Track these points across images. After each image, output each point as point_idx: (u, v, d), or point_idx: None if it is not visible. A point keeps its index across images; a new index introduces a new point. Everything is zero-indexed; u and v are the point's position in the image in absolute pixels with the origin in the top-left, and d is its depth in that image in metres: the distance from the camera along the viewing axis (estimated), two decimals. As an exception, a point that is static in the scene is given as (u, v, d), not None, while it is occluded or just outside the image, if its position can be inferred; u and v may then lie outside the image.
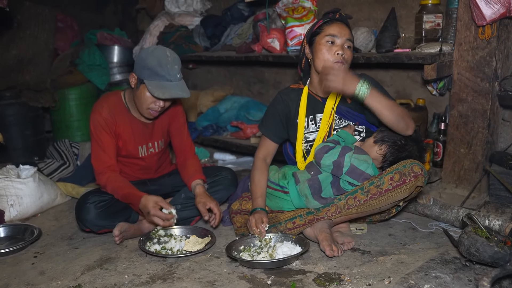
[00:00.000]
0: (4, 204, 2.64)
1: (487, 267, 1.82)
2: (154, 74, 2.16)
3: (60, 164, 3.35)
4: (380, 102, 1.96)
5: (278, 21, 3.23)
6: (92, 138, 2.34)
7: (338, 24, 2.14)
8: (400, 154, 2.09)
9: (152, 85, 2.16)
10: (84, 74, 4.23)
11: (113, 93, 2.44)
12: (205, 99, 4.09)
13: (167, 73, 2.16)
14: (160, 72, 2.15)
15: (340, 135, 2.17)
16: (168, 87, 2.16)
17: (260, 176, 2.26)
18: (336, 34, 2.10)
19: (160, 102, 2.23)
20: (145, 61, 2.17)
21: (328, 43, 2.11)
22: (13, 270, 2.05)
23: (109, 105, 2.33)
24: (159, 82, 2.16)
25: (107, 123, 2.31)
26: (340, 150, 2.08)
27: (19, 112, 3.78)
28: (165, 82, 2.17)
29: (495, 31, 2.30)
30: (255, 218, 2.11)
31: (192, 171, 2.44)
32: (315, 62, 2.16)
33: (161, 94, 2.15)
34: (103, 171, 2.30)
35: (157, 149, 2.49)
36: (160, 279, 1.90)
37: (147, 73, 2.16)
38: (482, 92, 2.40)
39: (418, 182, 1.95)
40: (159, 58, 2.17)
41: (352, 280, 1.80)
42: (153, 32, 4.13)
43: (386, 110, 1.97)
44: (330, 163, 2.08)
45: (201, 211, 2.28)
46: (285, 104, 2.28)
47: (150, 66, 2.15)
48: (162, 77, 2.16)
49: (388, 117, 1.97)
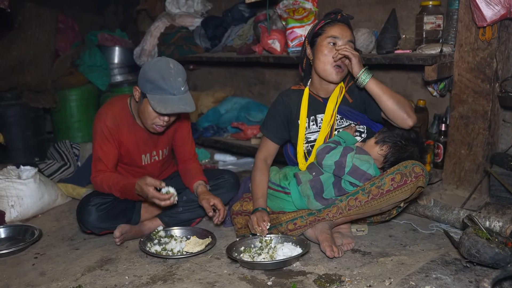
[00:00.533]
0: (4, 205, 2.65)
1: (488, 269, 1.82)
2: (156, 88, 2.06)
3: (60, 165, 3.35)
4: (381, 88, 2.02)
5: (278, 22, 3.23)
6: (94, 142, 2.29)
7: (339, 25, 2.14)
8: (401, 154, 2.09)
9: (155, 100, 2.06)
10: (85, 75, 4.24)
11: (119, 98, 2.36)
12: (205, 100, 4.09)
13: (170, 86, 2.06)
14: (162, 86, 2.06)
15: (341, 136, 2.18)
16: (171, 101, 2.07)
17: (261, 177, 2.26)
18: (337, 36, 2.11)
19: (165, 117, 2.15)
20: (147, 74, 2.08)
21: (329, 44, 2.12)
22: (13, 271, 2.06)
23: (114, 113, 2.26)
24: (162, 96, 2.07)
25: (110, 132, 2.25)
26: (341, 150, 2.09)
27: (20, 113, 3.79)
28: (168, 96, 2.07)
29: (495, 32, 2.30)
30: (257, 217, 2.12)
31: (193, 173, 2.42)
32: (316, 63, 2.17)
33: (163, 109, 2.05)
34: (97, 175, 2.27)
35: (161, 157, 2.47)
36: (160, 280, 1.90)
37: (149, 87, 2.08)
38: (482, 93, 2.39)
39: (419, 182, 1.95)
40: (161, 70, 2.07)
41: (353, 281, 1.80)
42: (154, 33, 4.13)
43: (386, 95, 2.01)
44: (331, 163, 2.08)
45: (205, 207, 2.24)
46: (286, 105, 2.28)
47: (152, 79, 2.06)
48: (165, 90, 2.06)
49: (387, 102, 2.01)
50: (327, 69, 2.13)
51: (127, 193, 2.22)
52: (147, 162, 2.42)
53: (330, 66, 2.12)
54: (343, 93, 2.22)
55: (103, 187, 2.26)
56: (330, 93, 2.23)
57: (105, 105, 2.34)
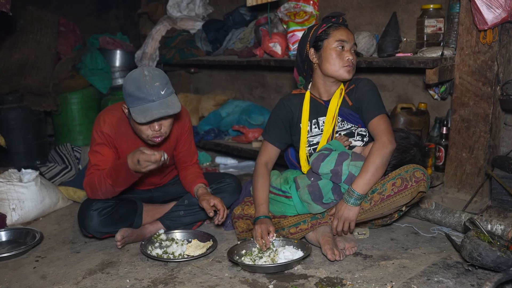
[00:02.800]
0: (6, 208, 2.65)
1: (489, 272, 1.81)
2: (135, 99, 1.98)
3: (62, 168, 3.35)
4: (369, 184, 1.99)
5: (279, 25, 3.24)
6: (91, 147, 2.25)
7: (344, 28, 2.16)
8: (403, 158, 2.08)
9: (136, 112, 1.98)
10: (86, 78, 4.25)
11: (119, 106, 2.25)
12: (206, 103, 4.10)
13: (148, 94, 1.97)
14: (140, 95, 1.97)
15: (332, 145, 2.16)
16: (150, 109, 1.98)
17: (263, 181, 2.24)
18: (345, 39, 2.12)
19: (155, 126, 2.05)
20: (125, 88, 2.02)
21: (338, 48, 2.12)
22: (14, 274, 2.05)
23: (112, 122, 2.21)
24: (142, 105, 1.98)
25: (107, 138, 2.20)
26: (336, 157, 2.07)
27: (21, 116, 3.79)
28: (148, 104, 1.98)
29: (496, 35, 2.30)
30: (262, 229, 2.08)
31: (193, 177, 2.39)
32: (325, 66, 2.15)
33: (143, 119, 1.97)
34: (87, 179, 2.19)
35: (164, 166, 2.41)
36: (161, 283, 1.90)
37: (130, 100, 2.00)
38: (484, 97, 2.39)
39: (420, 187, 1.94)
40: (135, 80, 2.00)
41: (354, 284, 1.80)
42: (155, 36, 4.14)
43: (375, 177, 1.99)
44: (328, 171, 2.07)
45: (205, 208, 2.21)
46: (288, 110, 2.27)
47: (130, 92, 1.99)
48: (143, 99, 1.97)
49: (380, 173, 2.01)
50: (338, 70, 2.14)
51: (118, 174, 2.08)
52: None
53: (341, 67, 2.13)
54: (343, 94, 2.22)
55: (95, 184, 2.15)
56: (331, 95, 2.23)
57: (103, 112, 2.28)
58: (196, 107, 4.14)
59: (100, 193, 2.18)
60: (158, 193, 2.49)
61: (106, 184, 2.12)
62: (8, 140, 3.43)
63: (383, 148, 1.99)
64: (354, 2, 3.16)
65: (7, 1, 2.67)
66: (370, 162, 1.99)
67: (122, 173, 2.06)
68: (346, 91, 2.23)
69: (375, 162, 1.98)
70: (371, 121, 2.11)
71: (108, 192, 2.17)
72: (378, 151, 1.99)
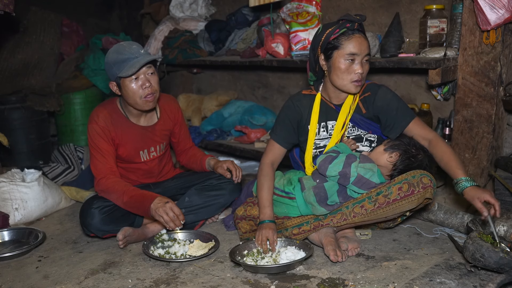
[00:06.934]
0: (8, 208, 2.65)
1: (492, 273, 1.81)
2: (120, 63, 2.19)
3: (64, 168, 3.36)
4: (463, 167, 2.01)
5: (282, 26, 3.24)
6: (91, 147, 2.33)
7: (357, 37, 2.04)
8: (411, 163, 2.06)
9: (124, 71, 2.18)
10: (89, 78, 4.25)
11: (109, 101, 2.43)
12: (209, 103, 4.10)
13: (130, 53, 2.20)
14: (123, 57, 2.19)
15: (339, 147, 2.15)
16: (136, 62, 2.19)
17: (268, 182, 2.22)
18: (356, 52, 2.03)
19: (146, 83, 2.23)
20: (108, 63, 2.23)
21: (347, 61, 2.05)
22: (17, 274, 2.06)
23: (105, 115, 2.34)
24: (127, 63, 2.19)
25: (104, 131, 2.31)
26: (344, 159, 2.06)
27: (24, 116, 3.80)
28: (132, 60, 2.19)
29: (499, 36, 2.29)
30: (267, 235, 2.06)
31: (200, 155, 2.60)
32: (333, 77, 2.11)
33: (133, 68, 2.17)
34: (105, 176, 2.28)
35: (159, 152, 2.51)
36: (163, 283, 1.90)
37: (116, 68, 2.20)
38: (487, 97, 2.39)
39: (427, 194, 1.92)
40: (115, 49, 2.23)
41: (356, 285, 1.80)
42: (158, 37, 4.15)
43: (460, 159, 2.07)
44: (336, 173, 2.05)
45: (221, 173, 2.45)
46: (297, 110, 2.25)
47: (113, 61, 2.20)
48: (127, 59, 2.19)
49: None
50: (346, 85, 2.09)
51: (137, 202, 2.19)
52: (145, 159, 2.46)
53: (348, 82, 2.07)
54: (357, 101, 2.19)
55: (108, 192, 2.26)
56: (343, 100, 2.20)
57: (95, 110, 2.39)
58: (198, 107, 4.14)
59: (111, 198, 2.29)
60: (158, 190, 2.50)
61: (120, 198, 2.23)
62: (11, 140, 3.44)
63: (443, 140, 2.10)
64: (357, 2, 3.16)
65: (10, 2, 2.67)
66: (448, 152, 2.04)
67: (141, 206, 2.18)
68: (361, 98, 2.19)
69: (449, 149, 2.06)
70: (408, 127, 2.13)
71: (117, 202, 2.27)
72: (443, 142, 2.09)
